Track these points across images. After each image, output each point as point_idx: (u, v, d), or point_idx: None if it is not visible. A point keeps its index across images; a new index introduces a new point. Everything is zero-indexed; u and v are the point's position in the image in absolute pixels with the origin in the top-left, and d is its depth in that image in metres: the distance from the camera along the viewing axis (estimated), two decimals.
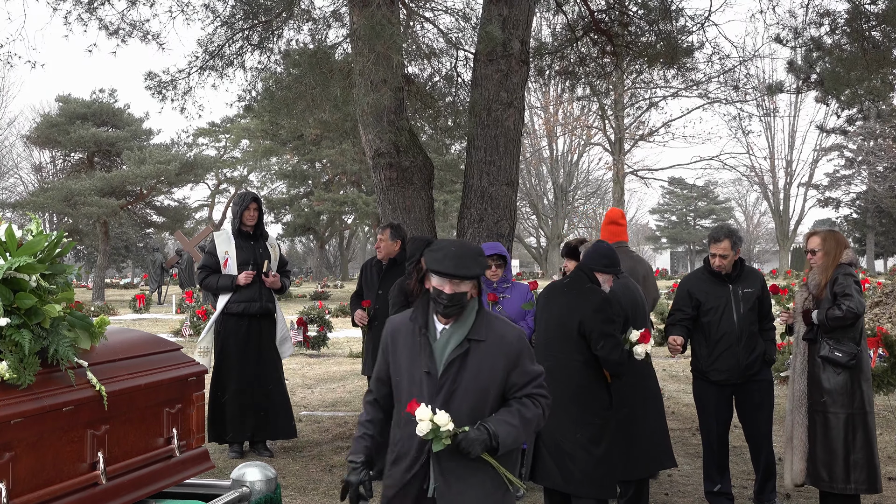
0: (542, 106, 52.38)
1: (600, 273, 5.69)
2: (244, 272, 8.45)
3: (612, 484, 5.63)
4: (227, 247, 8.63)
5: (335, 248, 71.95)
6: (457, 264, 3.78)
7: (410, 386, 3.89)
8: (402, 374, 3.94)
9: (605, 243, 5.89)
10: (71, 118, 42.39)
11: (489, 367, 3.84)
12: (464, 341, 3.85)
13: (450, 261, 3.78)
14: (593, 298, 5.54)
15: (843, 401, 6.12)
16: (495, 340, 3.87)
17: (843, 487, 6.09)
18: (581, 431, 5.45)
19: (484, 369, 3.83)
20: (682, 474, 7.85)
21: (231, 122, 54.55)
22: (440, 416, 3.65)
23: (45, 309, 3.46)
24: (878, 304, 19.44)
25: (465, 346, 3.84)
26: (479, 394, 3.83)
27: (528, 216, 62.45)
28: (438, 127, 11.40)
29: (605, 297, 5.58)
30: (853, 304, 6.03)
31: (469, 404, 3.81)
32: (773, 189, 62.80)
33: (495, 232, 9.12)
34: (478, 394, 3.83)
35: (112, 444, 3.71)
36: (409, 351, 3.94)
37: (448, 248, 3.84)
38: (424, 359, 3.86)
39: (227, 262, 8.60)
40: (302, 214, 54.18)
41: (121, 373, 3.82)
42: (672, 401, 11.56)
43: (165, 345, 4.31)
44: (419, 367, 3.87)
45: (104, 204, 37.68)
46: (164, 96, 10.28)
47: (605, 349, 5.45)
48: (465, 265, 3.79)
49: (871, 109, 48.11)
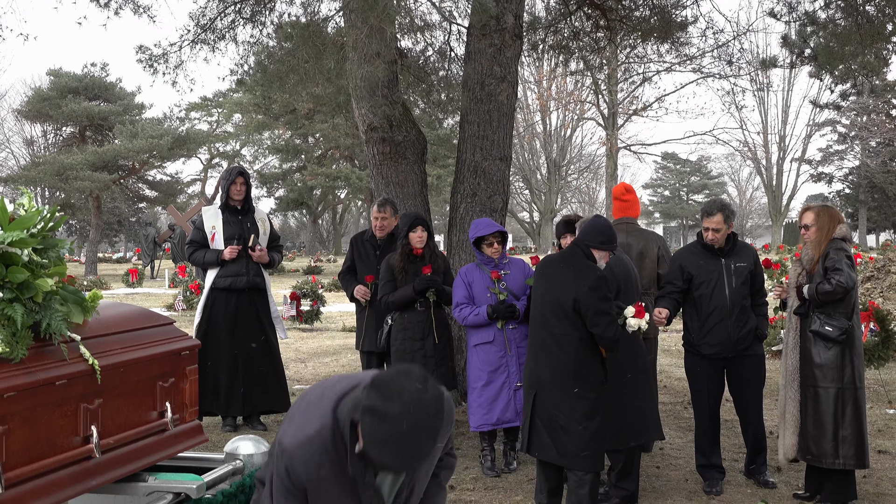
0: (536, 80, 52.29)
1: (597, 249, 5.68)
2: (229, 247, 8.43)
3: (603, 456, 5.68)
4: (215, 221, 8.61)
5: (328, 222, 71.94)
6: (404, 458, 2.80)
7: None
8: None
9: (602, 218, 5.88)
10: (62, 92, 42.22)
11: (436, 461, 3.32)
12: None
13: (391, 453, 2.77)
14: (589, 276, 5.53)
15: (834, 375, 6.15)
16: None
17: (832, 462, 6.13)
18: (576, 406, 5.48)
19: (431, 466, 3.30)
20: (674, 447, 7.89)
21: (223, 97, 54.38)
22: None
23: (38, 283, 3.46)
24: (869, 279, 19.49)
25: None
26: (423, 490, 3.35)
27: (521, 191, 62.43)
28: (432, 101, 11.38)
29: (601, 275, 5.58)
30: (843, 279, 6.05)
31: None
32: (766, 164, 62.85)
33: (488, 207, 9.12)
34: (423, 491, 3.34)
35: (105, 417, 3.72)
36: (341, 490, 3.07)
37: (395, 429, 2.74)
38: (367, 498, 3.10)
39: (214, 237, 8.58)
40: (295, 189, 54.09)
41: (114, 347, 3.82)
42: (664, 374, 11.60)
43: (158, 319, 4.31)
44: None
45: (96, 178, 37.59)
46: (155, 70, 10.23)
47: (600, 327, 5.46)
48: (412, 456, 2.80)
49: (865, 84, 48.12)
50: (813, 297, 6.16)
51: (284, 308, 18.31)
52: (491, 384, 6.93)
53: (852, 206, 62.86)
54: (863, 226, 62.62)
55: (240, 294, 8.50)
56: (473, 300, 7.01)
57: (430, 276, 7.29)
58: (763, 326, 6.70)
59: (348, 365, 12.79)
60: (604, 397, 5.60)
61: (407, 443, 2.72)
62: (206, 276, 8.68)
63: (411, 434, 2.72)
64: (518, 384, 6.81)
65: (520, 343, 6.94)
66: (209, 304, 8.54)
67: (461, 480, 6.88)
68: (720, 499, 6.41)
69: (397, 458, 2.76)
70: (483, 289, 7.01)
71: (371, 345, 7.90)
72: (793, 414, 6.29)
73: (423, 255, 7.42)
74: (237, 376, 8.43)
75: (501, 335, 6.95)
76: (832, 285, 6.05)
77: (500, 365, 6.93)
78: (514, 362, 6.91)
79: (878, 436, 8.22)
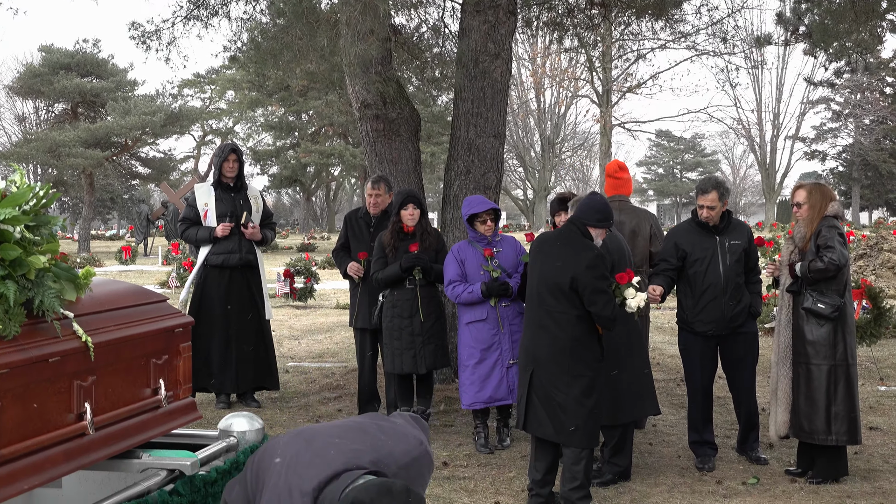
0: (530, 57, 52.07)
1: (593, 227, 5.68)
2: (221, 224, 8.42)
3: (598, 433, 5.70)
4: (207, 199, 8.60)
5: (322, 199, 71.81)
6: None
7: None
8: None
9: (598, 196, 5.87)
10: (54, 68, 41.98)
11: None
12: None
13: None
14: (587, 254, 5.53)
15: (826, 352, 6.18)
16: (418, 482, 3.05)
17: (825, 438, 6.16)
18: (574, 383, 5.49)
19: None
20: (667, 424, 7.92)
21: (216, 73, 54.09)
22: None
23: (30, 260, 3.45)
24: (862, 257, 19.56)
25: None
26: None
27: (514, 168, 62.31)
28: (425, 78, 11.33)
29: (598, 253, 5.58)
30: (835, 256, 6.07)
31: None
32: (760, 142, 62.78)
33: (482, 184, 9.11)
34: None
35: (99, 394, 3.71)
36: None
37: None
38: None
39: (206, 214, 8.57)
40: (288, 166, 53.93)
41: (107, 324, 3.81)
42: (657, 352, 11.63)
43: (152, 296, 4.31)
44: None
45: (89, 155, 37.45)
46: (148, 46, 10.17)
47: (597, 305, 5.46)
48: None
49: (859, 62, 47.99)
50: (805, 274, 6.17)
51: (278, 285, 18.31)
52: (483, 362, 6.94)
53: (845, 184, 62.91)
54: (856, 203, 62.68)
55: (232, 271, 8.50)
56: (466, 278, 7.01)
57: (415, 254, 7.28)
58: (757, 304, 6.71)
59: (342, 342, 12.80)
60: (600, 375, 5.62)
61: None
62: (198, 254, 8.67)
63: None
64: (511, 361, 6.83)
65: (512, 321, 6.95)
66: (201, 281, 8.54)
67: (454, 457, 6.90)
68: (712, 475, 6.44)
69: None
70: (476, 266, 7.01)
71: (364, 322, 7.90)
72: (785, 391, 6.32)
73: (414, 232, 7.42)
74: (230, 353, 8.44)
75: (494, 313, 6.95)
76: (824, 263, 6.07)
77: (493, 343, 6.93)
78: (506, 340, 6.92)
79: (869, 412, 8.26)
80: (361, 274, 7.93)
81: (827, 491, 6.06)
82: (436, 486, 6.20)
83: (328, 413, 8.40)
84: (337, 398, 9.08)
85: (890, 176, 58.82)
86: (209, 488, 3.86)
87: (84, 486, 4.29)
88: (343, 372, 10.46)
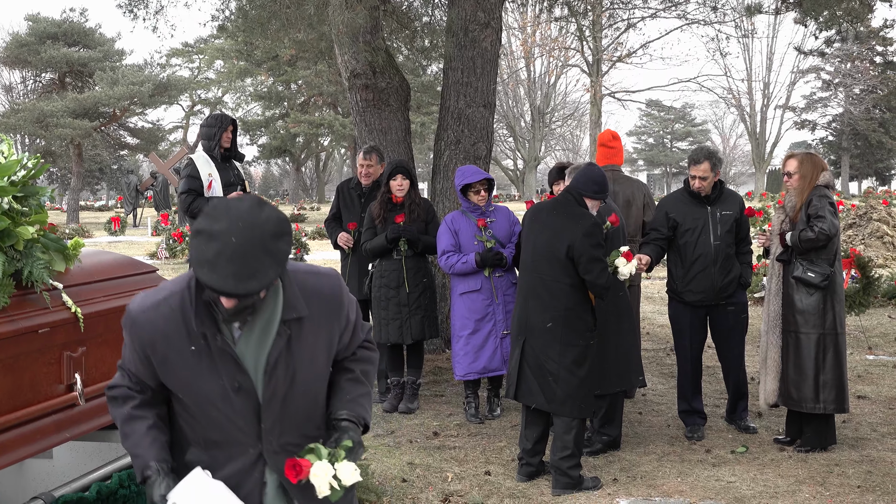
0: (520, 27, 51.85)
1: (590, 198, 5.68)
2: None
3: (592, 403, 5.71)
4: (210, 169, 8.51)
5: (311, 170, 71.61)
6: (236, 277, 2.45)
7: (208, 408, 2.70)
8: (188, 392, 2.70)
9: (596, 167, 5.86)
10: (41, 38, 41.62)
11: (322, 344, 2.81)
12: (280, 329, 2.70)
13: (222, 272, 2.44)
14: (583, 223, 5.53)
15: (815, 321, 6.20)
16: (319, 305, 2.79)
17: (813, 406, 6.20)
18: (566, 353, 5.51)
19: (317, 351, 2.80)
20: (656, 393, 7.96)
21: (205, 43, 53.84)
22: (345, 471, 2.66)
23: (19, 231, 3.43)
24: (851, 227, 19.60)
25: (284, 335, 2.70)
26: (315, 383, 2.84)
27: (504, 138, 62.24)
28: (415, 47, 11.29)
29: (595, 222, 5.58)
30: (825, 226, 6.08)
31: (305, 404, 2.81)
32: (750, 111, 62.78)
33: (472, 154, 9.09)
34: (313, 384, 2.83)
35: (89, 365, 3.71)
36: (191, 361, 2.67)
37: (223, 244, 2.45)
38: (227, 372, 2.67)
39: (211, 185, 8.49)
40: (278, 136, 53.78)
41: (96, 295, 3.80)
42: (647, 321, 11.66)
43: (141, 267, 4.30)
44: (218, 382, 2.67)
45: (77, 125, 37.22)
46: (135, 15, 10.10)
47: (593, 274, 5.47)
48: (247, 276, 2.46)
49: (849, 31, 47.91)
50: (796, 243, 6.18)
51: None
52: (477, 332, 6.95)
53: (835, 154, 62.94)
54: (845, 173, 62.74)
55: None
56: (460, 248, 7.00)
57: (400, 226, 7.26)
58: (747, 274, 6.72)
59: None
60: (592, 344, 5.63)
61: (236, 260, 2.43)
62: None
63: (240, 250, 2.43)
64: (504, 332, 6.83)
65: (506, 291, 6.95)
66: None
67: (445, 427, 6.93)
68: (701, 444, 6.47)
69: (227, 277, 2.43)
70: (470, 236, 7.00)
71: (354, 292, 7.88)
72: (774, 360, 6.35)
73: (402, 202, 7.40)
74: None
75: (488, 283, 6.95)
76: (815, 232, 6.08)
77: (487, 313, 6.94)
78: (500, 310, 6.93)
79: (857, 381, 8.31)
80: (351, 244, 7.91)
81: (815, 459, 6.10)
82: (426, 455, 6.22)
83: None
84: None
85: (879, 145, 58.90)
86: None
87: (75, 456, 4.30)
88: None
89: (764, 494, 5.45)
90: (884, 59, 57.69)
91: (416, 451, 6.35)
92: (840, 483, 5.64)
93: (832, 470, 5.88)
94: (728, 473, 5.84)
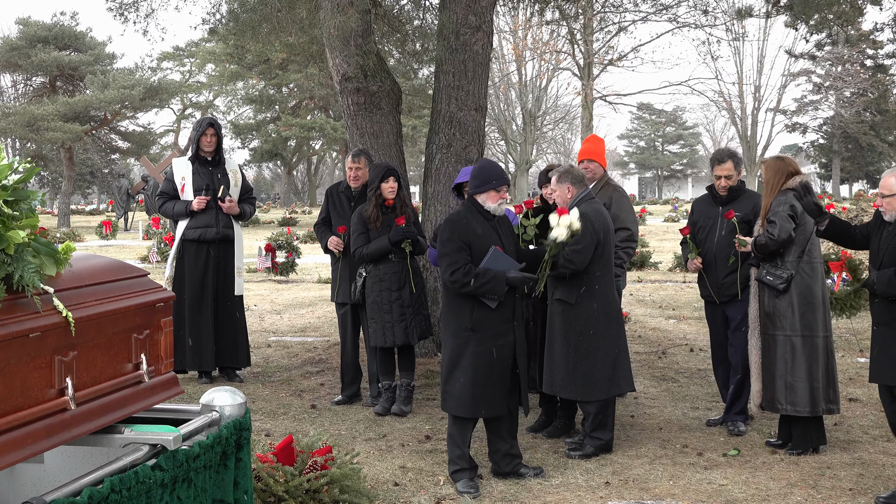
0: (511, 30, 51.85)
1: (478, 194, 5.72)
2: (197, 197, 8.39)
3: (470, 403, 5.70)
4: (185, 172, 8.56)
5: (303, 173, 71.61)
6: None
7: None
8: None
9: (480, 162, 6.09)
10: (32, 41, 41.56)
11: None
12: None
13: None
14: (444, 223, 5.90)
15: (782, 323, 6.33)
16: None
17: (782, 408, 6.30)
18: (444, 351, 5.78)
19: None
20: (648, 397, 7.97)
21: (196, 46, 53.69)
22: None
23: (9, 235, 3.42)
24: None
25: None
26: None
27: (496, 142, 62.20)
28: (406, 51, 11.30)
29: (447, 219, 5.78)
30: (774, 231, 6.22)
31: None
32: (742, 114, 62.84)
33: (464, 157, 9.09)
34: None
35: (80, 370, 3.70)
36: None
37: None
38: None
39: (183, 188, 8.54)
40: (269, 140, 53.74)
41: (88, 299, 3.79)
42: (639, 325, 11.68)
43: (132, 271, 4.28)
44: None
45: (68, 129, 37.19)
46: (126, 18, 10.10)
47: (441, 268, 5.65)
48: None
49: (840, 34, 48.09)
50: (754, 249, 6.35)
51: (259, 260, 18.28)
52: None
53: (826, 157, 63.10)
54: (836, 176, 62.90)
55: (210, 245, 8.47)
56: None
57: (405, 228, 7.28)
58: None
59: (324, 316, 12.80)
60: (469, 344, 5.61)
61: None
62: (176, 228, 8.64)
63: None
64: None
65: None
66: (179, 255, 8.52)
67: (437, 431, 6.93)
68: (693, 447, 6.48)
69: None
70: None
71: (345, 296, 7.86)
72: (755, 362, 6.46)
73: (394, 205, 7.40)
74: (207, 330, 8.41)
75: None
76: (765, 238, 6.23)
77: None
78: None
79: (849, 384, 8.33)
80: (341, 248, 7.90)
81: (807, 462, 6.11)
82: (418, 459, 6.22)
83: (310, 387, 8.40)
84: (319, 372, 9.09)
85: (870, 148, 59.07)
86: (192, 463, 3.86)
87: (66, 461, 4.29)
88: (325, 346, 10.46)
89: (756, 497, 5.46)
90: (874, 62, 57.81)
91: (408, 454, 6.35)
92: (832, 486, 5.66)
93: (824, 472, 5.89)
94: (720, 476, 5.85)
